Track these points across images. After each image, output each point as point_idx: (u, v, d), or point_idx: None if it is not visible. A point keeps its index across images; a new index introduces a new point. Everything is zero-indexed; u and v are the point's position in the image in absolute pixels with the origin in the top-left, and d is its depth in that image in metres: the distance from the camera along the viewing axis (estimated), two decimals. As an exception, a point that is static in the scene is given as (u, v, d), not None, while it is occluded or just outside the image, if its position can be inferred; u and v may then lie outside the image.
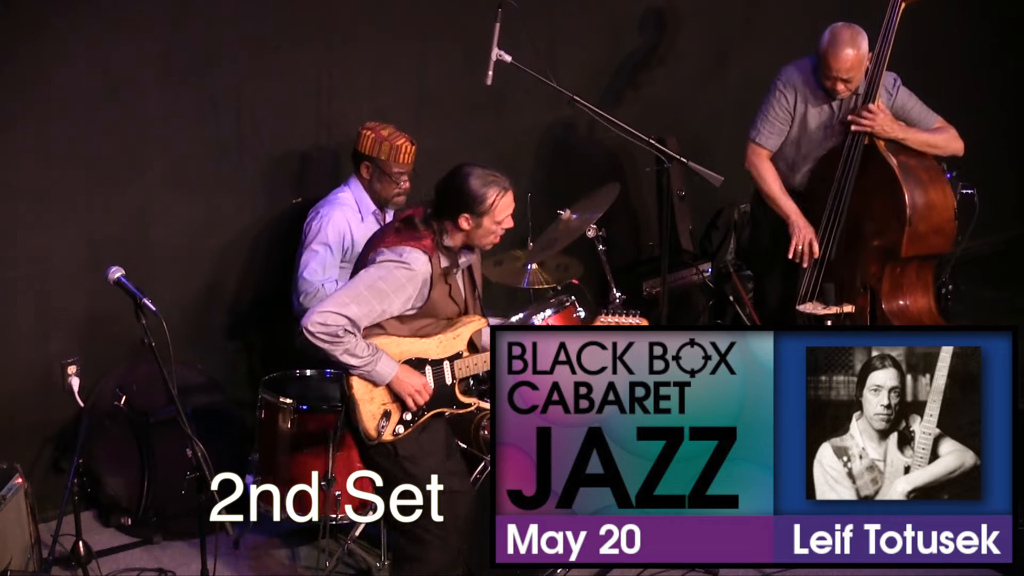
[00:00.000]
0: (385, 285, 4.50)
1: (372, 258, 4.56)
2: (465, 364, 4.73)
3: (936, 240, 5.75)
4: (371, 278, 4.51)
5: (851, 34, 5.63)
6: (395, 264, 4.51)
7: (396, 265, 4.51)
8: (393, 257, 4.53)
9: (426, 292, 4.57)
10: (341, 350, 4.48)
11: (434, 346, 4.68)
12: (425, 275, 4.53)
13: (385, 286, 4.50)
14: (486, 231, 4.59)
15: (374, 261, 4.55)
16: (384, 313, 4.54)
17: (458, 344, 4.72)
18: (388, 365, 4.58)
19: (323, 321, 4.45)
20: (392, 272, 4.51)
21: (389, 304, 4.52)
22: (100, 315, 5.78)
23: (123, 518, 5.68)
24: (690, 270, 6.97)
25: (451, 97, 6.49)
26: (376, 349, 4.55)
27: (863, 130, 5.67)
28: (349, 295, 4.49)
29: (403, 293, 4.52)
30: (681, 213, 7.10)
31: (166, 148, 5.86)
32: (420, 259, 4.53)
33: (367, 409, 4.62)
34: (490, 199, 4.54)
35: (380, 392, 4.62)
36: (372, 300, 4.49)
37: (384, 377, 4.58)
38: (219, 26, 5.86)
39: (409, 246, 4.54)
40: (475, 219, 4.55)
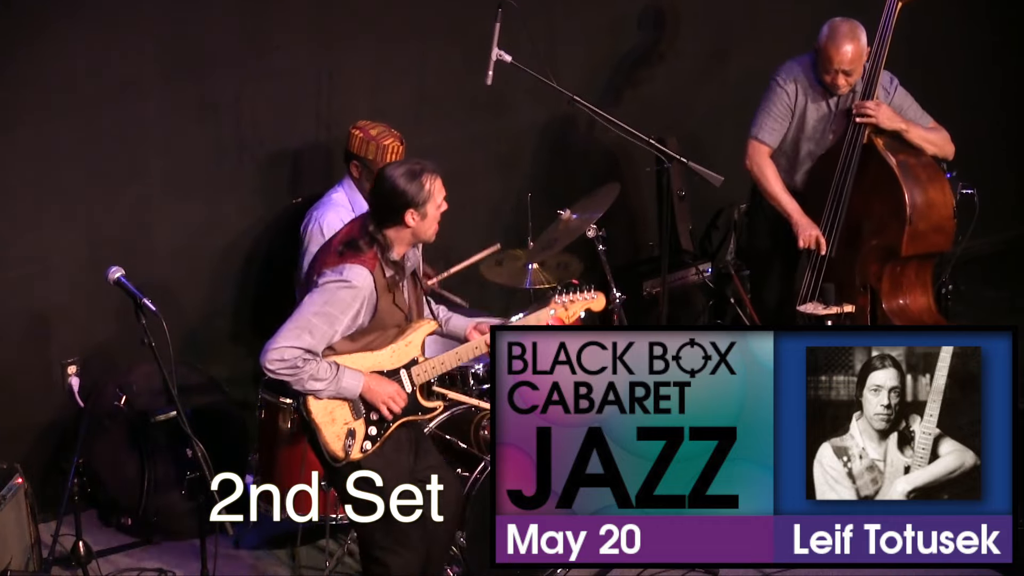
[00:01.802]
0: (332, 308, 4.47)
1: (316, 280, 4.53)
2: (422, 369, 4.68)
3: (936, 239, 5.74)
4: (317, 304, 4.47)
5: (850, 27, 5.64)
6: (338, 285, 4.48)
7: (339, 285, 4.47)
8: (335, 277, 4.49)
9: (372, 306, 4.53)
10: (306, 377, 4.46)
11: (387, 357, 4.63)
12: (368, 290, 4.50)
13: (332, 309, 4.47)
14: (431, 220, 4.56)
15: (317, 284, 4.52)
16: (337, 334, 4.51)
17: (411, 351, 4.67)
18: (353, 377, 4.54)
19: (280, 357, 4.42)
20: (336, 294, 4.47)
21: (340, 325, 4.49)
22: (100, 315, 5.78)
23: (123, 518, 5.68)
24: (690, 270, 6.96)
25: (451, 97, 6.49)
26: (337, 367, 4.52)
27: (866, 122, 5.67)
28: (300, 325, 4.45)
29: (350, 311, 4.49)
30: (681, 213, 7.10)
31: (166, 148, 5.86)
32: (362, 274, 4.49)
33: (330, 431, 4.57)
34: (426, 186, 4.52)
35: (341, 412, 4.57)
36: (323, 326, 4.46)
37: (354, 390, 4.54)
38: (219, 26, 5.87)
39: (349, 263, 4.50)
40: (419, 211, 4.52)
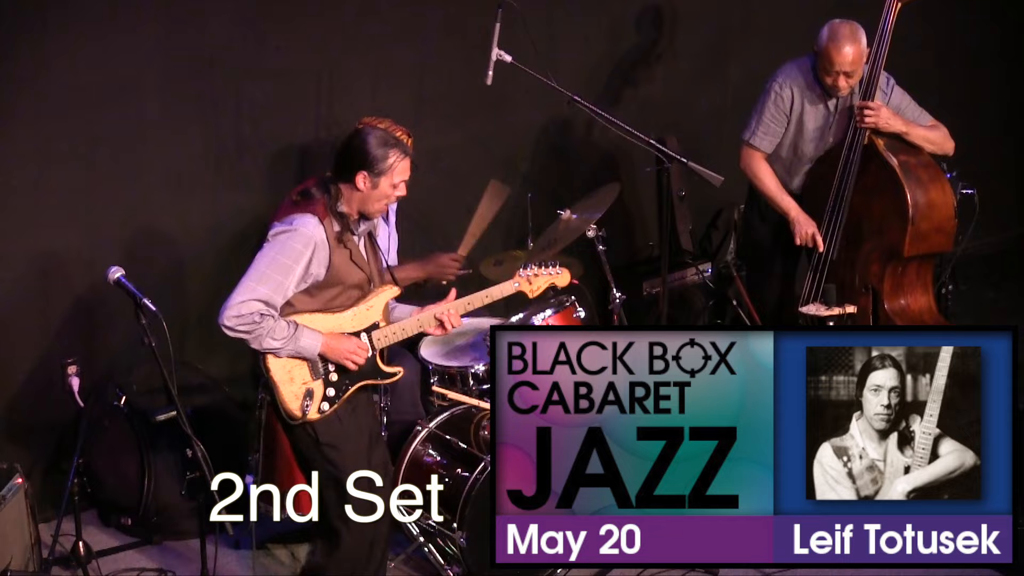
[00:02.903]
0: (284, 258, 4.49)
1: (268, 234, 4.55)
2: (384, 334, 4.71)
3: (938, 239, 5.75)
4: (269, 255, 4.50)
5: (851, 29, 5.64)
6: (287, 234, 4.50)
7: (288, 235, 4.50)
8: (284, 228, 4.51)
9: (325, 256, 4.53)
10: (263, 334, 4.48)
11: (348, 319, 4.65)
12: (319, 238, 4.51)
13: (284, 259, 4.48)
14: (381, 194, 4.57)
15: (268, 238, 4.54)
16: (291, 285, 4.51)
17: (372, 315, 4.69)
18: (311, 337, 4.56)
19: (237, 313, 4.45)
20: (287, 243, 4.49)
21: (293, 275, 4.50)
22: (100, 315, 5.78)
23: (123, 518, 5.68)
24: (690, 270, 6.97)
25: (451, 97, 6.49)
26: (295, 325, 4.54)
27: (867, 126, 5.67)
28: (254, 279, 4.48)
29: (302, 259, 4.49)
30: (681, 213, 7.10)
31: (166, 148, 5.86)
32: (310, 222, 4.50)
33: (288, 390, 4.60)
34: (390, 159, 4.54)
35: (300, 371, 4.60)
36: (276, 275, 4.47)
37: (312, 349, 4.56)
38: (219, 26, 5.87)
39: (299, 212, 4.52)
40: (372, 178, 4.53)
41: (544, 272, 4.93)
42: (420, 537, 5.28)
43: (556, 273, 4.94)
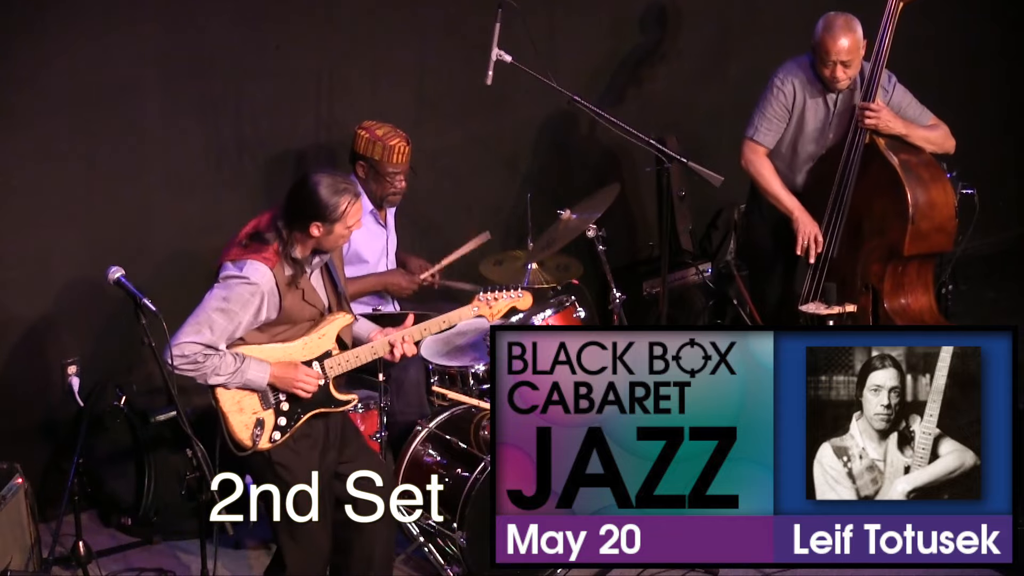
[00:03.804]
0: (230, 304, 4.46)
1: (218, 274, 4.52)
2: (336, 362, 4.66)
3: (938, 238, 5.74)
4: (217, 299, 4.47)
5: (846, 19, 5.65)
6: (237, 280, 4.46)
7: (238, 281, 4.46)
8: (235, 272, 4.48)
9: (276, 302, 4.51)
10: (208, 372, 4.46)
11: (299, 349, 4.61)
12: (269, 286, 4.48)
13: (231, 305, 4.46)
14: (336, 236, 4.53)
15: (218, 278, 4.51)
16: (238, 329, 4.49)
17: (325, 343, 4.65)
18: (259, 368, 4.53)
19: (181, 353, 4.42)
20: (234, 289, 4.46)
21: (240, 320, 4.47)
22: (100, 315, 5.78)
23: (123, 518, 5.68)
24: (690, 270, 6.97)
25: (451, 97, 6.49)
26: (242, 358, 4.51)
27: (868, 127, 5.67)
28: (200, 320, 4.44)
29: (250, 307, 4.47)
30: (681, 213, 7.10)
31: (166, 148, 5.86)
32: (260, 270, 4.47)
33: (238, 420, 4.57)
34: (342, 207, 4.48)
35: (250, 401, 4.57)
36: (222, 321, 4.45)
37: (260, 381, 4.54)
38: (219, 26, 5.86)
39: (251, 259, 4.48)
40: (326, 226, 4.49)
41: (504, 295, 4.87)
42: (420, 537, 5.28)
43: (517, 296, 4.88)
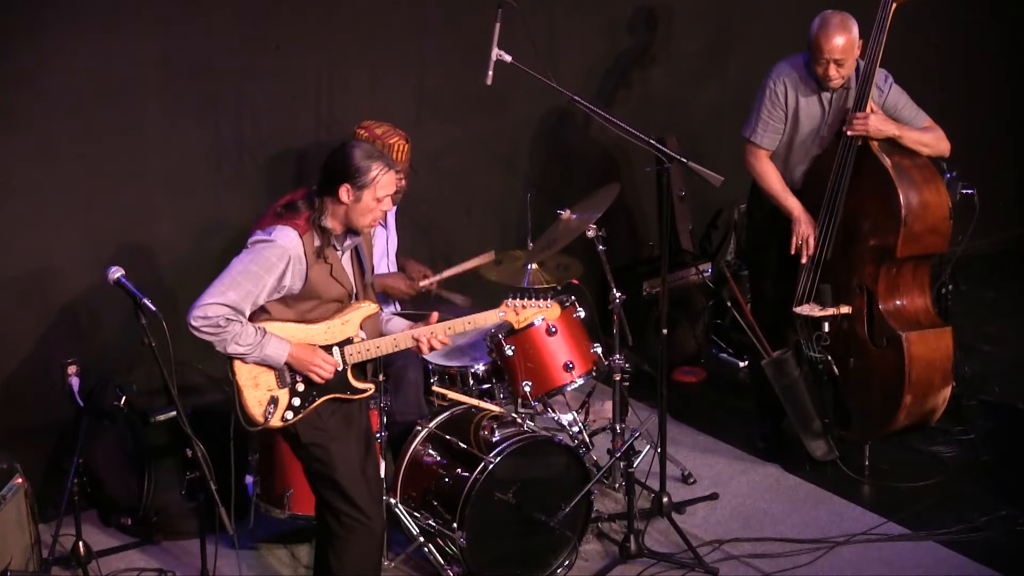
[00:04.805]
0: (256, 267, 4.45)
1: (247, 241, 4.54)
2: (357, 350, 4.65)
3: (932, 240, 5.72)
4: (244, 262, 4.47)
5: (841, 18, 5.63)
6: (264, 244, 4.47)
7: (264, 245, 4.47)
8: (263, 237, 4.48)
9: (302, 270, 4.50)
10: (228, 339, 4.45)
11: (321, 332, 4.61)
12: (296, 252, 4.47)
13: (256, 268, 4.45)
14: (365, 207, 4.50)
15: (247, 244, 4.52)
16: (262, 294, 4.49)
17: (347, 330, 4.64)
18: (278, 345, 4.53)
19: (203, 314, 4.42)
20: (262, 252, 4.46)
21: (264, 284, 4.47)
22: (100, 315, 5.78)
23: (123, 518, 5.68)
24: (690, 270, 6.97)
25: (451, 97, 6.49)
26: (263, 333, 4.51)
27: (858, 134, 5.65)
28: (224, 283, 4.45)
29: (275, 270, 4.46)
30: (681, 213, 7.11)
31: (166, 148, 5.86)
32: (289, 235, 4.47)
33: (252, 395, 4.57)
34: (373, 172, 4.47)
35: (267, 377, 4.58)
36: (246, 283, 4.44)
37: (278, 358, 4.54)
38: (219, 26, 5.87)
39: (280, 224, 4.49)
40: (355, 191, 4.47)
41: (533, 304, 4.84)
42: (420, 537, 5.28)
43: (545, 306, 4.86)
